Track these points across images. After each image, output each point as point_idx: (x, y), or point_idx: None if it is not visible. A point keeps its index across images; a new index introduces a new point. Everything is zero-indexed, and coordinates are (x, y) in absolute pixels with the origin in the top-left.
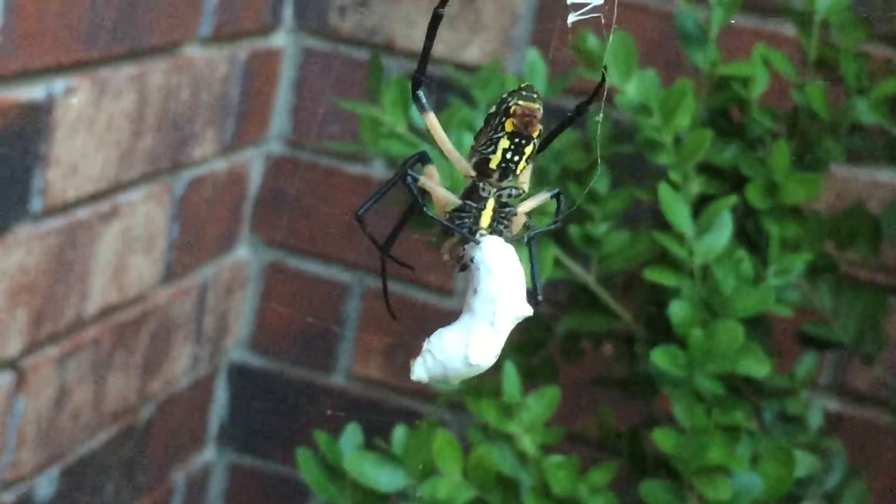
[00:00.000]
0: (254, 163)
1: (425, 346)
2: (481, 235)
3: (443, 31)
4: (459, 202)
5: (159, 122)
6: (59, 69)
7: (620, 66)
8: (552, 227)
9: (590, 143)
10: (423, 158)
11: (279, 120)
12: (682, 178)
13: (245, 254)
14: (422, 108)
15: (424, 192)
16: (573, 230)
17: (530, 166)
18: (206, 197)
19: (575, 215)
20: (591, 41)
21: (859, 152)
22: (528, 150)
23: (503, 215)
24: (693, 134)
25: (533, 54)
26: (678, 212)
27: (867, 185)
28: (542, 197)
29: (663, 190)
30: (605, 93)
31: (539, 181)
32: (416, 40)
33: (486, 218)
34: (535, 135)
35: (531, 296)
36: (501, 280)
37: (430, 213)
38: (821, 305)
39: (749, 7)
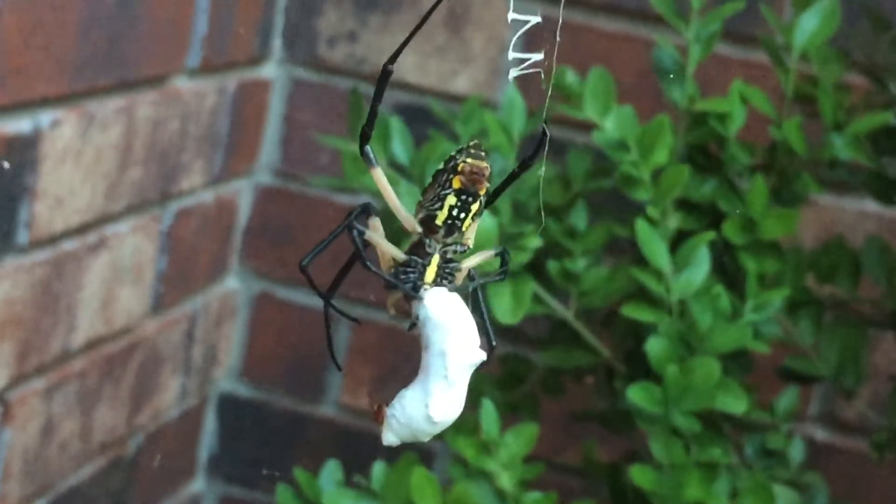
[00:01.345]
0: (242, 193)
1: (388, 411)
2: (424, 290)
3: (431, 62)
4: (405, 257)
5: (147, 153)
6: (45, 102)
7: (598, 102)
8: (497, 278)
9: (568, 179)
10: (368, 209)
11: (268, 150)
12: (660, 214)
13: (234, 284)
14: (370, 164)
15: (368, 245)
16: (552, 266)
17: (476, 223)
18: (195, 228)
19: (554, 250)
20: (570, 77)
21: (845, 183)
22: (475, 207)
23: (448, 271)
24: (671, 169)
25: (511, 89)
26: (655, 248)
27: (854, 216)
28: (486, 254)
29: (640, 226)
30: (546, 144)
31: (517, 216)
32: (405, 71)
33: (430, 273)
34: (481, 192)
35: (486, 342)
36: (448, 331)
37: (373, 269)
38: (801, 340)
39: (732, 36)
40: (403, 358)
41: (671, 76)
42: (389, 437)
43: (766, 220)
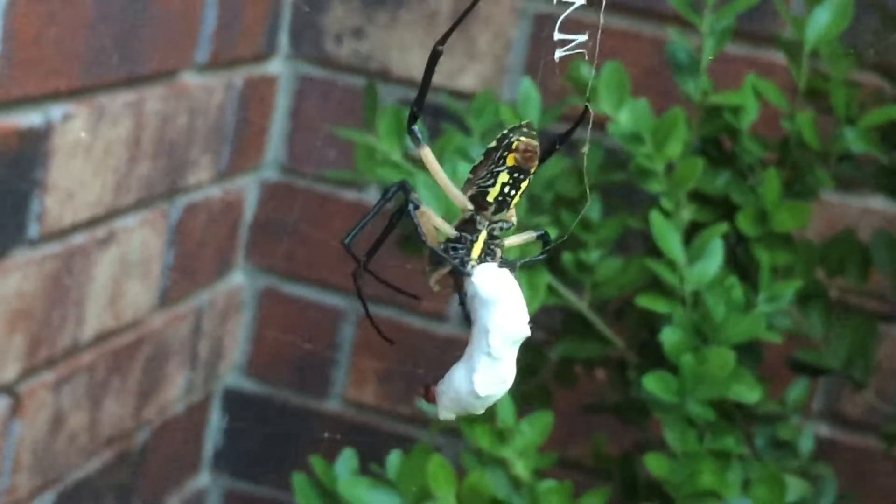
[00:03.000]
0: (249, 189)
1: (439, 387)
2: (473, 266)
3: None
4: (455, 233)
5: (156, 148)
6: (56, 96)
7: (613, 95)
8: (539, 257)
9: (582, 171)
10: (404, 188)
11: (275, 146)
12: (674, 206)
13: (240, 279)
14: (417, 143)
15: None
16: (566, 257)
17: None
18: (202, 223)
19: (568, 243)
20: (584, 70)
21: (850, 179)
22: (524, 185)
23: (492, 247)
24: (684, 162)
25: (526, 83)
26: (670, 239)
27: (858, 213)
28: (529, 235)
29: (655, 218)
30: (591, 121)
31: (532, 209)
32: (412, 68)
33: (477, 249)
34: (532, 170)
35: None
36: (493, 307)
37: (428, 244)
38: (811, 332)
39: (741, 35)
40: (409, 353)
41: (685, 70)
42: (444, 413)
43: (778, 213)
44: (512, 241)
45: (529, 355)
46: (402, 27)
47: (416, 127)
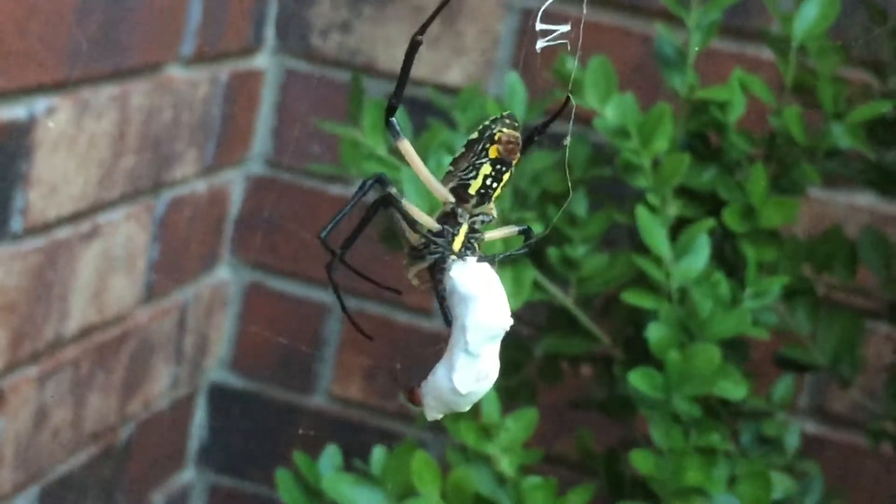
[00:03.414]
0: (234, 183)
1: (423, 388)
2: (452, 261)
3: (424, 53)
4: (438, 227)
5: (140, 142)
6: (40, 89)
7: (599, 90)
8: (520, 251)
9: (568, 166)
10: (381, 180)
11: (260, 140)
12: (660, 201)
13: (225, 274)
14: (395, 135)
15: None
16: (552, 252)
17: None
18: (187, 217)
19: (554, 238)
20: (570, 64)
21: (836, 176)
22: (506, 177)
23: (472, 241)
24: (671, 157)
25: (513, 77)
26: (656, 235)
27: (844, 209)
28: (511, 229)
29: (641, 213)
30: (573, 113)
31: (518, 204)
32: (398, 62)
33: (458, 243)
34: (514, 162)
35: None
36: (469, 305)
37: (408, 238)
38: (798, 328)
39: (727, 31)
40: (394, 349)
41: (671, 65)
42: (430, 413)
43: (765, 208)
44: (493, 234)
45: (514, 351)
46: (389, 22)
47: (394, 119)
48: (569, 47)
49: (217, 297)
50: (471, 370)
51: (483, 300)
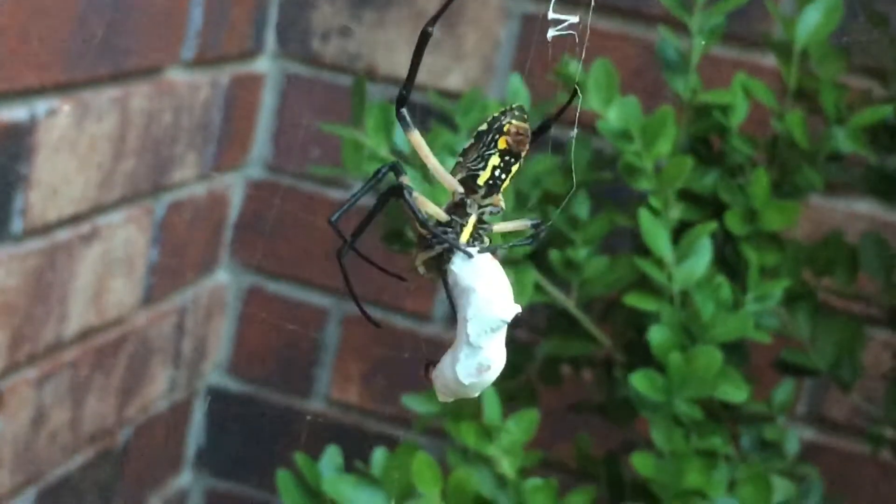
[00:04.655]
0: (234, 187)
1: (433, 373)
2: (456, 253)
3: (425, 58)
4: (447, 217)
5: (141, 144)
6: (41, 90)
7: (602, 93)
8: (523, 242)
9: (570, 168)
10: (395, 169)
11: (260, 144)
12: (663, 205)
13: (224, 278)
14: (406, 127)
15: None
16: (554, 255)
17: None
18: (187, 220)
19: (556, 240)
20: (573, 67)
21: (837, 182)
22: (515, 168)
23: (480, 232)
24: (673, 160)
25: (515, 79)
26: (658, 237)
27: (844, 216)
28: (521, 223)
29: (643, 216)
30: (578, 109)
31: (520, 206)
32: (398, 66)
33: (466, 234)
34: (523, 154)
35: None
36: (472, 295)
37: (428, 227)
38: (798, 333)
39: (730, 37)
40: (393, 353)
41: (674, 68)
42: (441, 397)
43: (767, 212)
44: (504, 226)
45: (515, 353)
46: (389, 26)
47: (404, 111)
48: (577, 38)
49: (216, 300)
50: (472, 361)
51: (482, 292)
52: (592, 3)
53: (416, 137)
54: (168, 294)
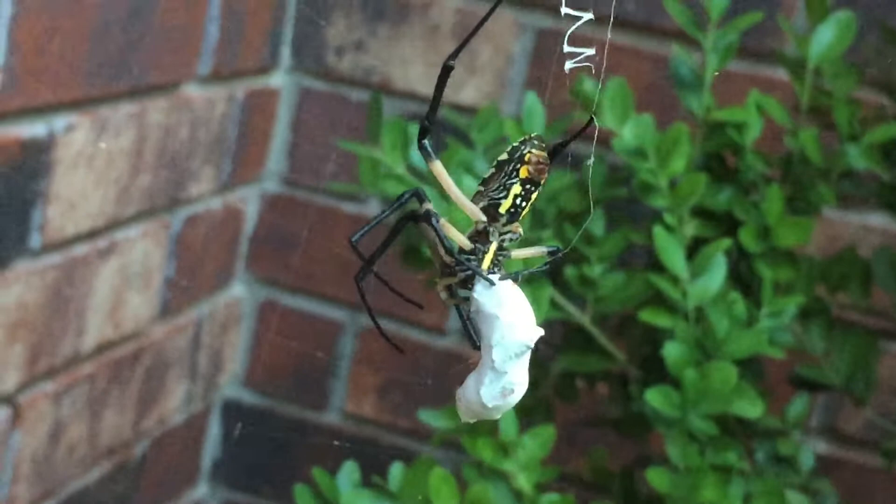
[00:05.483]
0: (250, 201)
1: (457, 394)
2: (478, 280)
3: (438, 72)
4: (471, 245)
5: (157, 159)
6: (59, 107)
7: (617, 111)
8: (541, 268)
9: (586, 186)
10: (418, 195)
11: (276, 158)
12: (677, 221)
13: (240, 291)
14: (428, 157)
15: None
16: (569, 271)
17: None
18: (203, 234)
19: (571, 257)
20: (588, 85)
21: (850, 197)
22: (534, 196)
23: (499, 258)
24: (688, 178)
25: (531, 97)
26: (673, 254)
27: (858, 230)
28: (539, 250)
29: (658, 233)
30: (596, 133)
31: (536, 223)
32: (413, 81)
33: (487, 261)
34: (543, 182)
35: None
36: (495, 322)
37: (451, 255)
38: (812, 348)
39: (743, 52)
40: (408, 367)
41: (688, 86)
42: (465, 417)
43: (781, 228)
44: (521, 253)
45: (531, 369)
46: (404, 41)
47: (426, 141)
48: (593, 70)
49: (231, 313)
50: (497, 385)
51: (505, 318)
52: (608, 36)
53: (439, 168)
54: (184, 308)
